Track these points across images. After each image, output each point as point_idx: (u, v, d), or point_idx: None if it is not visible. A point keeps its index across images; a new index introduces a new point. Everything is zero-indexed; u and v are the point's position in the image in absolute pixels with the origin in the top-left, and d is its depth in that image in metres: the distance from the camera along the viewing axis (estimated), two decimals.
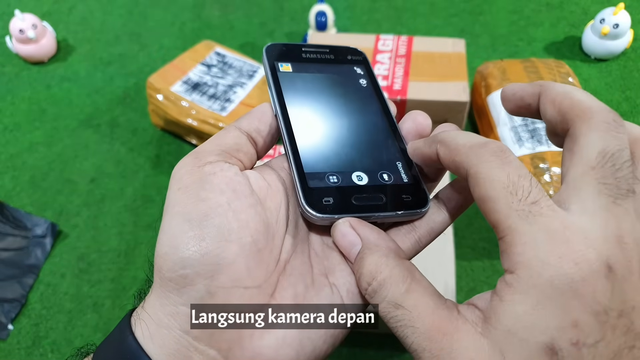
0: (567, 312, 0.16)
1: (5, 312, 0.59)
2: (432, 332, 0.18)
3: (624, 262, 0.16)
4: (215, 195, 0.21)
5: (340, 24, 0.93)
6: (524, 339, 0.16)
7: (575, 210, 0.17)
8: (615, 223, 0.17)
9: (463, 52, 0.70)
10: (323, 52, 0.29)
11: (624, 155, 0.17)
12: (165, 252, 0.20)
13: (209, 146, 0.23)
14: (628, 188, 0.17)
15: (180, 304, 0.20)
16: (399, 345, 0.55)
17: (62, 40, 0.95)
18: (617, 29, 0.78)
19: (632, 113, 0.76)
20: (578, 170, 0.18)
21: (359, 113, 0.27)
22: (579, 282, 0.16)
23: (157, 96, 0.72)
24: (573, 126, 0.19)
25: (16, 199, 0.71)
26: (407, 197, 0.24)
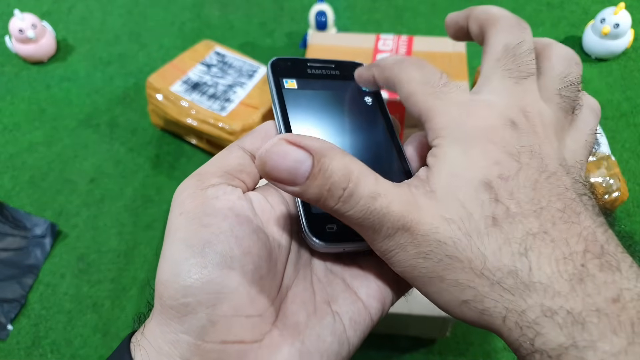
0: (488, 153, 0.19)
1: (4, 313, 0.59)
2: (405, 209, 0.19)
3: (527, 123, 0.20)
4: (218, 220, 0.20)
5: (340, 23, 0.93)
6: (466, 177, 0.19)
7: (483, 92, 0.21)
8: (517, 98, 0.20)
9: (463, 51, 0.70)
10: (328, 67, 0.29)
11: (524, 46, 0.21)
12: (167, 280, 0.20)
13: (211, 167, 0.22)
14: (528, 72, 0.21)
15: (181, 332, 0.20)
16: (399, 346, 0.55)
17: (61, 40, 0.95)
18: (617, 28, 0.78)
19: (633, 113, 0.76)
20: (487, 65, 0.22)
21: (363, 133, 0.27)
22: (489, 130, 0.20)
23: (157, 96, 0.72)
24: (486, 33, 0.23)
25: (16, 199, 0.71)
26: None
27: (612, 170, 0.58)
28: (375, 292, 0.22)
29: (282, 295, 0.22)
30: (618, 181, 0.58)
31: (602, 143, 0.61)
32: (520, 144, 0.19)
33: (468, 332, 0.56)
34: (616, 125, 0.75)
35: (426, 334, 0.54)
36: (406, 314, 0.48)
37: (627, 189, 0.59)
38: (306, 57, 0.28)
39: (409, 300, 0.45)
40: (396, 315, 0.48)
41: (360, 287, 0.22)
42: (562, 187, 0.19)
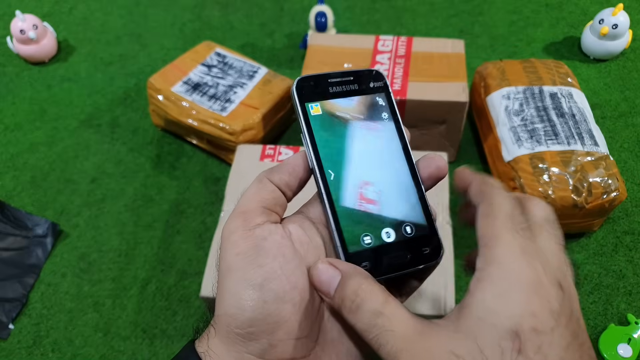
0: (528, 304, 0.20)
1: (6, 312, 0.60)
2: (409, 333, 0.21)
3: (569, 288, 0.21)
4: (270, 261, 0.24)
5: (340, 24, 0.93)
6: (492, 324, 0.20)
7: (537, 247, 0.23)
8: (563, 261, 0.22)
9: (462, 52, 0.70)
10: (347, 81, 0.29)
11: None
12: (234, 313, 0.24)
13: (251, 204, 0.26)
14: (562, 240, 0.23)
15: (245, 352, 0.24)
16: None
17: (62, 40, 0.95)
18: (616, 29, 0.78)
19: (631, 113, 0.77)
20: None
21: (386, 161, 0.29)
22: (539, 284, 0.21)
23: (158, 96, 0.73)
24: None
25: (17, 199, 0.71)
26: (426, 249, 0.27)
27: (611, 170, 0.58)
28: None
29: (321, 314, 0.26)
30: (616, 181, 0.58)
31: (600, 143, 0.62)
32: (563, 306, 0.20)
33: None
34: (614, 125, 0.75)
35: None
36: None
37: (625, 189, 0.59)
38: (326, 73, 0.29)
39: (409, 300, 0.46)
40: None
41: None
42: (589, 358, 0.20)
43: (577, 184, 0.57)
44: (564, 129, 0.62)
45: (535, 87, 0.67)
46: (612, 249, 0.63)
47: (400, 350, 0.21)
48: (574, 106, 0.65)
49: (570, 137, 0.61)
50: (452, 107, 0.65)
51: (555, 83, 0.68)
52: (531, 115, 0.64)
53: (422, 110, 0.66)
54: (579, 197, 0.57)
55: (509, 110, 0.66)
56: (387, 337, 0.21)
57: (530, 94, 0.67)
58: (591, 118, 0.65)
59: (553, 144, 0.61)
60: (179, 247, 0.65)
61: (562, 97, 0.66)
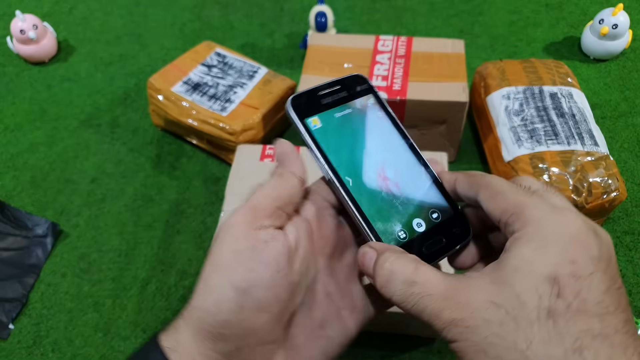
0: (567, 252, 0.21)
1: (6, 312, 0.60)
2: (447, 293, 0.22)
3: (605, 236, 0.22)
4: (262, 268, 0.24)
5: (340, 24, 0.93)
6: (529, 271, 0.21)
7: (565, 203, 0.24)
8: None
9: (462, 52, 0.70)
10: (336, 90, 0.30)
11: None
12: (209, 310, 0.24)
13: (266, 202, 0.25)
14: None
15: (212, 350, 0.24)
16: (398, 345, 0.55)
17: (62, 40, 0.95)
18: (616, 29, 0.78)
19: (631, 113, 0.77)
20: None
21: (394, 154, 0.29)
22: (578, 232, 0.21)
23: (158, 96, 0.73)
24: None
25: (17, 199, 0.71)
26: (456, 229, 0.28)
27: (611, 171, 0.58)
28: (359, 323, 0.28)
29: (291, 321, 0.26)
30: (616, 181, 0.58)
31: (600, 143, 0.62)
32: (601, 252, 0.21)
33: None
34: (614, 125, 0.75)
35: (425, 333, 0.54)
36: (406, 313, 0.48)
37: (625, 189, 0.59)
38: (315, 87, 0.30)
39: None
40: (396, 315, 0.48)
41: (349, 317, 0.28)
42: (627, 302, 0.21)
43: (577, 184, 0.57)
44: (564, 129, 0.62)
45: (535, 87, 0.67)
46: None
47: (441, 310, 0.22)
48: (574, 106, 0.65)
49: (570, 137, 0.61)
50: (452, 107, 0.65)
51: (555, 83, 0.68)
52: (531, 115, 0.64)
53: (422, 110, 0.66)
54: (579, 197, 0.57)
55: (509, 110, 0.66)
56: (425, 302, 0.22)
57: (530, 94, 0.67)
58: (591, 118, 0.65)
59: (553, 144, 0.61)
60: (179, 247, 0.65)
61: (562, 97, 0.66)
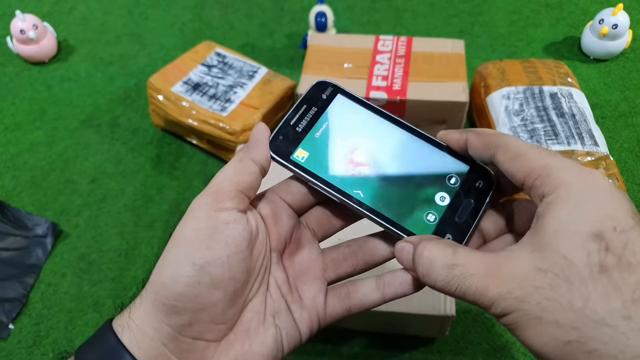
0: (605, 209, 0.20)
1: (6, 312, 0.60)
2: (489, 269, 0.22)
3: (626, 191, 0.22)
4: (221, 247, 0.25)
5: (340, 24, 0.93)
6: (572, 232, 0.20)
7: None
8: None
9: (462, 52, 0.70)
10: (305, 110, 0.29)
11: None
12: (166, 283, 0.24)
13: (227, 185, 0.26)
14: None
15: (165, 323, 0.25)
16: (398, 345, 0.55)
17: (62, 40, 0.95)
18: (616, 29, 0.78)
19: (631, 113, 0.77)
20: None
21: (388, 143, 0.29)
22: (611, 190, 0.21)
23: (158, 96, 0.73)
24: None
25: (17, 199, 0.71)
26: (479, 183, 0.27)
27: (611, 171, 0.58)
28: (306, 319, 0.28)
29: (244, 305, 0.27)
30: (616, 181, 0.58)
31: (600, 143, 0.62)
32: (634, 208, 0.21)
33: (467, 331, 0.56)
34: (614, 125, 0.75)
35: (425, 333, 0.54)
36: (405, 313, 0.48)
37: (625, 189, 0.59)
38: (284, 119, 0.29)
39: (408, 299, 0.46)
40: (395, 315, 0.49)
41: (296, 312, 0.28)
42: None
43: None
44: (564, 129, 0.62)
45: (535, 87, 0.67)
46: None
47: (485, 287, 0.22)
48: (574, 106, 0.65)
49: (570, 137, 0.61)
50: (452, 107, 0.65)
51: (555, 83, 0.68)
52: (531, 115, 0.64)
53: (422, 110, 0.66)
54: None
55: (509, 110, 0.66)
56: (469, 282, 0.22)
57: (530, 94, 0.67)
58: (591, 118, 0.65)
59: (553, 144, 0.61)
60: None
61: (562, 97, 0.66)
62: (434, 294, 0.48)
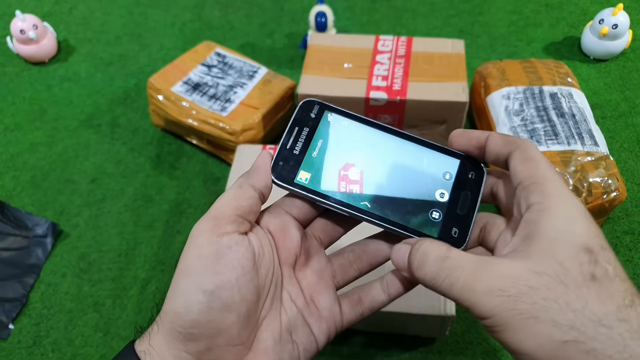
0: (591, 227, 0.23)
1: (6, 312, 0.60)
2: (480, 265, 0.22)
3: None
4: (228, 271, 0.25)
5: (340, 24, 0.93)
6: (568, 241, 0.22)
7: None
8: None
9: (462, 52, 0.70)
10: (298, 131, 0.30)
11: None
12: (180, 312, 0.25)
13: (226, 211, 0.26)
14: None
15: (183, 350, 0.25)
16: (398, 345, 0.55)
17: (62, 40, 0.95)
18: (616, 29, 0.78)
19: (631, 113, 0.77)
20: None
21: (383, 152, 0.29)
22: (590, 216, 0.23)
23: (158, 96, 0.73)
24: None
25: (17, 199, 0.71)
26: (471, 174, 0.28)
27: (611, 171, 0.58)
28: (324, 330, 0.29)
29: (259, 324, 0.27)
30: (616, 181, 0.58)
31: (600, 143, 0.62)
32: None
33: (467, 331, 0.56)
34: (614, 125, 0.75)
35: (425, 333, 0.54)
36: (405, 313, 0.48)
37: (625, 189, 0.59)
38: (280, 144, 0.29)
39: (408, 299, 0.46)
40: (395, 315, 0.49)
41: (314, 324, 0.28)
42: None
43: (577, 184, 0.57)
44: (564, 129, 0.62)
45: (535, 87, 0.67)
46: (611, 248, 0.63)
47: (474, 281, 0.22)
48: (574, 106, 0.65)
49: (570, 137, 0.61)
50: (452, 107, 0.65)
51: (555, 83, 0.68)
52: (531, 115, 0.64)
53: (422, 110, 0.66)
54: (579, 197, 0.57)
55: (509, 110, 0.66)
56: (457, 274, 0.23)
57: (530, 94, 0.67)
58: (591, 118, 0.65)
59: (553, 144, 0.61)
60: (179, 247, 0.65)
61: (562, 97, 0.66)
62: (434, 294, 0.48)
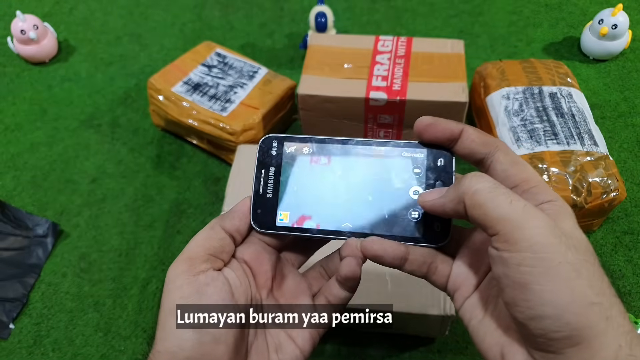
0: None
1: (6, 312, 0.60)
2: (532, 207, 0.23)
3: None
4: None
5: (339, 25, 0.93)
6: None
7: None
8: None
9: (462, 52, 0.70)
10: (264, 173, 0.30)
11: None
12: (174, 351, 0.26)
13: (199, 251, 0.28)
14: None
15: None
16: (398, 345, 0.55)
17: (63, 40, 0.95)
18: (615, 29, 0.78)
19: (631, 113, 0.77)
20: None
21: (349, 168, 0.29)
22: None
23: (158, 96, 0.73)
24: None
25: (17, 199, 0.71)
26: (439, 161, 0.28)
27: (610, 170, 0.58)
28: (307, 337, 0.30)
29: (248, 350, 0.29)
30: (616, 181, 0.58)
31: (600, 143, 0.62)
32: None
33: (467, 331, 0.56)
34: (614, 125, 0.75)
35: (425, 333, 0.54)
36: (405, 312, 0.48)
37: (625, 189, 0.59)
38: (252, 191, 0.30)
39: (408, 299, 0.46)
40: (395, 315, 0.49)
41: (297, 337, 0.30)
42: None
43: (576, 184, 0.57)
44: (563, 129, 0.62)
45: (534, 87, 0.67)
46: (611, 248, 0.63)
47: (525, 202, 0.23)
48: (573, 106, 0.65)
49: (569, 137, 0.62)
50: (451, 107, 0.65)
51: (555, 83, 0.68)
52: (531, 116, 0.64)
53: (422, 111, 0.66)
54: (578, 197, 0.57)
55: (509, 111, 0.66)
56: (507, 193, 0.23)
57: (530, 94, 0.67)
58: (591, 118, 0.65)
59: (553, 144, 0.61)
60: (179, 247, 0.65)
61: (562, 97, 0.66)
62: (434, 294, 0.49)
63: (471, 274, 0.27)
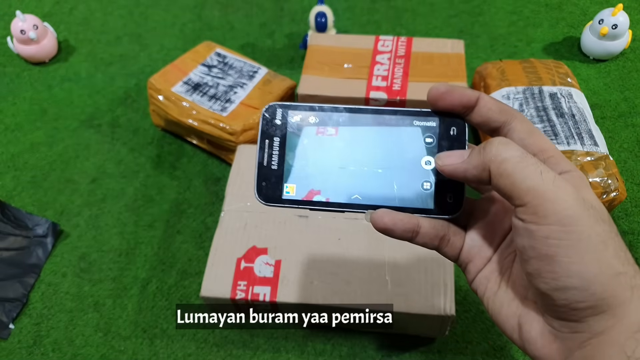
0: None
1: (6, 312, 0.60)
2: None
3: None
4: None
5: (340, 25, 0.93)
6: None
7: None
8: None
9: (462, 52, 0.70)
10: (270, 143, 0.28)
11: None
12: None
13: None
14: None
15: None
16: (398, 345, 0.55)
17: (63, 40, 0.95)
18: (615, 29, 0.78)
19: (631, 113, 0.77)
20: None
21: (357, 137, 0.28)
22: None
23: (158, 96, 0.73)
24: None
25: (17, 199, 0.71)
26: (452, 130, 0.27)
27: (610, 170, 0.58)
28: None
29: None
30: (616, 181, 0.58)
31: (600, 143, 0.62)
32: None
33: (467, 330, 0.56)
34: (614, 125, 0.75)
35: (425, 333, 0.54)
36: (405, 312, 0.48)
37: (625, 189, 0.59)
38: (257, 163, 0.28)
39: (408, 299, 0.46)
40: (395, 315, 0.49)
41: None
42: None
43: None
44: (563, 129, 0.62)
45: (534, 87, 0.67)
46: None
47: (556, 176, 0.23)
48: (573, 106, 0.65)
49: (569, 137, 0.62)
50: None
51: (555, 83, 0.68)
52: (531, 116, 0.64)
53: None
54: None
55: None
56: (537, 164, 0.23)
57: (530, 94, 0.67)
58: (591, 118, 0.65)
59: (552, 144, 0.61)
60: (179, 247, 0.65)
61: (562, 97, 0.66)
62: (434, 294, 0.49)
63: (485, 246, 0.26)
